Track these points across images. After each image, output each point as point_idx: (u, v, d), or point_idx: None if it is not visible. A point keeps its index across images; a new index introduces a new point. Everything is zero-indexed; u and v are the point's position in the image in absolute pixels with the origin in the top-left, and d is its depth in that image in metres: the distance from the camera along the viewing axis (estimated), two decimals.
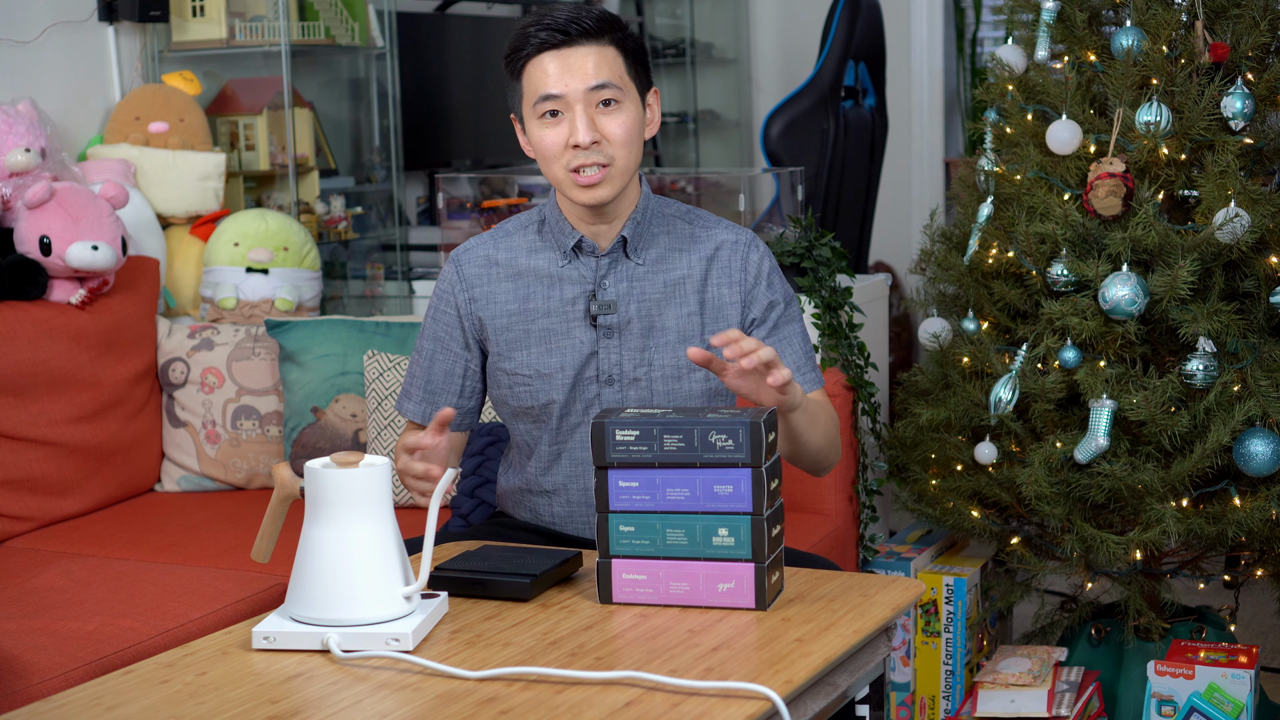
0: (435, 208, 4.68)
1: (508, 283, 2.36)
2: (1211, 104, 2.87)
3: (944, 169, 5.86)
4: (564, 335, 2.33)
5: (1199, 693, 2.89)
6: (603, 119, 2.23)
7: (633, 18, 5.92)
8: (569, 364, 2.33)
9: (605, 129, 2.23)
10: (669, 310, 2.33)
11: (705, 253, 2.35)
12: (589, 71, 2.21)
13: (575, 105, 2.21)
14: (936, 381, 3.24)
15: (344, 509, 1.86)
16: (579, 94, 2.21)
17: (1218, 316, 2.85)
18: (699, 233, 2.37)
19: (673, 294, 2.33)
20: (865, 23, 4.41)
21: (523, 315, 2.34)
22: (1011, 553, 3.18)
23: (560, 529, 2.41)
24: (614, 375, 2.33)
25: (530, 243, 2.37)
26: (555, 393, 2.33)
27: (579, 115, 2.21)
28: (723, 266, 2.34)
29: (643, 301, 2.32)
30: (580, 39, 2.22)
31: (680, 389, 2.33)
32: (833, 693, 1.91)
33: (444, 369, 2.40)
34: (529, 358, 2.34)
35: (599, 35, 2.23)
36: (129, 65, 3.82)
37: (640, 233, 2.33)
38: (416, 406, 2.43)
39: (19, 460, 3.09)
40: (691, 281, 2.34)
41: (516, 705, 1.67)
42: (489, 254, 2.38)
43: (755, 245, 2.37)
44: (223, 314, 3.58)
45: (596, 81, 2.21)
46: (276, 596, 2.68)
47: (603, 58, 2.22)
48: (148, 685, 1.77)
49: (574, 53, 2.22)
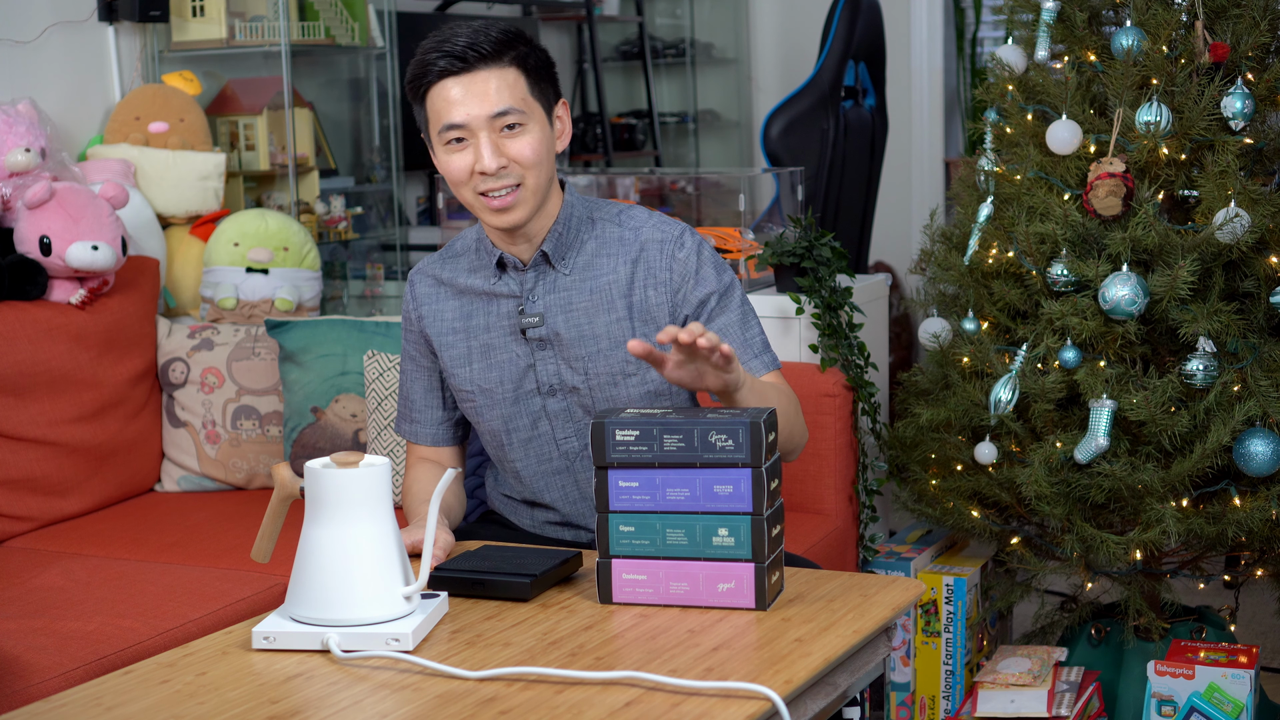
0: (435, 208, 4.68)
1: (453, 300, 2.38)
2: (1211, 104, 2.87)
3: (944, 169, 5.86)
4: (501, 350, 2.34)
5: (1199, 693, 2.89)
6: (508, 143, 2.20)
7: (633, 18, 5.93)
8: (508, 378, 2.34)
9: (511, 152, 2.20)
10: (598, 317, 2.31)
11: (630, 255, 2.31)
12: (490, 98, 2.18)
13: (479, 132, 2.19)
14: (936, 381, 3.24)
15: (344, 509, 1.86)
16: (481, 121, 2.19)
17: (1218, 316, 2.85)
18: (626, 234, 2.33)
19: (600, 301, 2.31)
20: (865, 23, 4.41)
21: (465, 332, 2.36)
22: (1011, 553, 3.18)
23: (553, 535, 2.43)
24: (554, 385, 2.33)
25: (470, 262, 2.38)
26: (499, 407, 2.36)
27: (483, 142, 2.19)
28: (648, 268, 2.31)
29: (571, 311, 2.31)
30: (479, 64, 2.18)
31: (619, 394, 2.33)
32: (833, 693, 1.91)
33: (423, 386, 2.45)
34: (471, 374, 2.36)
35: (498, 58, 2.19)
36: (129, 65, 3.82)
37: (563, 243, 2.31)
38: (410, 427, 2.48)
39: (19, 460, 3.09)
40: (618, 286, 2.31)
41: (516, 705, 1.67)
42: (436, 273, 2.40)
43: (681, 242, 2.32)
44: (223, 314, 3.58)
45: (498, 108, 2.18)
46: (276, 596, 2.68)
47: (503, 81, 2.19)
48: (148, 685, 1.77)
49: (474, 79, 2.18)
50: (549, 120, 2.26)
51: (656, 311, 2.31)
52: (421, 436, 2.46)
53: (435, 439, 2.46)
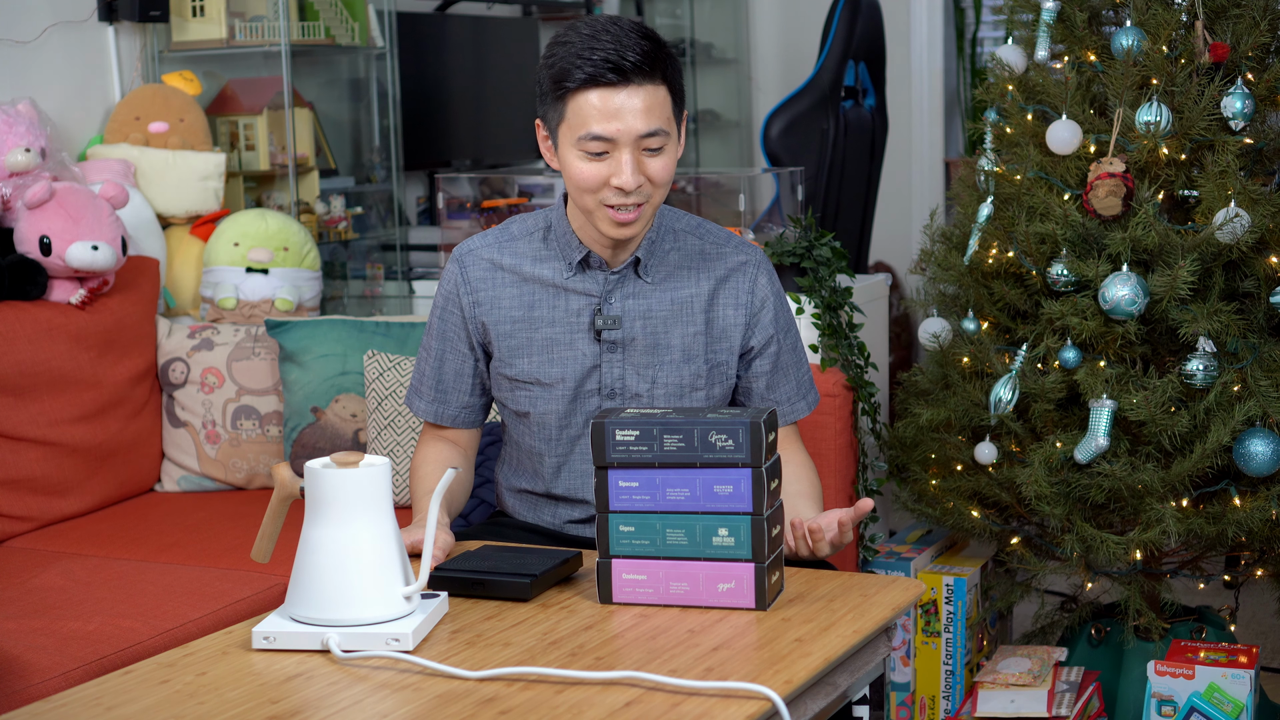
0: (435, 208, 4.68)
1: (513, 288, 2.34)
2: (1211, 104, 2.87)
3: (944, 169, 5.86)
4: (567, 346, 2.32)
5: (1199, 693, 2.89)
6: (649, 161, 2.18)
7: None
8: (570, 375, 2.32)
9: (650, 172, 2.18)
10: (675, 328, 2.32)
11: (717, 274, 2.33)
12: (640, 117, 2.14)
13: (624, 148, 2.15)
14: (936, 381, 3.24)
15: (344, 509, 1.86)
16: (630, 140, 2.15)
17: (1218, 316, 2.85)
18: (709, 249, 2.35)
19: (680, 313, 2.32)
20: (865, 23, 4.41)
21: (527, 323, 2.33)
22: (1011, 553, 3.18)
23: (573, 534, 2.42)
24: (616, 389, 2.32)
25: (536, 250, 2.34)
26: (555, 402, 2.33)
27: (626, 160, 2.15)
28: (731, 289, 2.33)
29: (649, 319, 2.31)
30: (635, 77, 2.13)
31: (681, 406, 2.32)
32: (833, 693, 1.91)
33: (454, 368, 2.40)
34: (531, 365, 2.33)
35: (653, 74, 2.15)
36: (129, 65, 3.82)
37: (652, 252, 2.32)
38: (429, 405, 2.43)
39: (19, 460, 3.09)
40: (699, 301, 2.32)
41: (516, 705, 1.67)
42: (494, 257, 2.35)
43: (764, 268, 2.36)
44: (223, 314, 3.58)
45: (648, 129, 2.15)
46: (276, 596, 2.68)
47: (654, 99, 2.15)
48: (148, 685, 1.77)
49: (631, 94, 2.13)
50: (679, 135, 2.24)
51: (732, 331, 2.33)
52: (444, 417, 2.42)
53: (458, 421, 2.42)
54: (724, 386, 2.36)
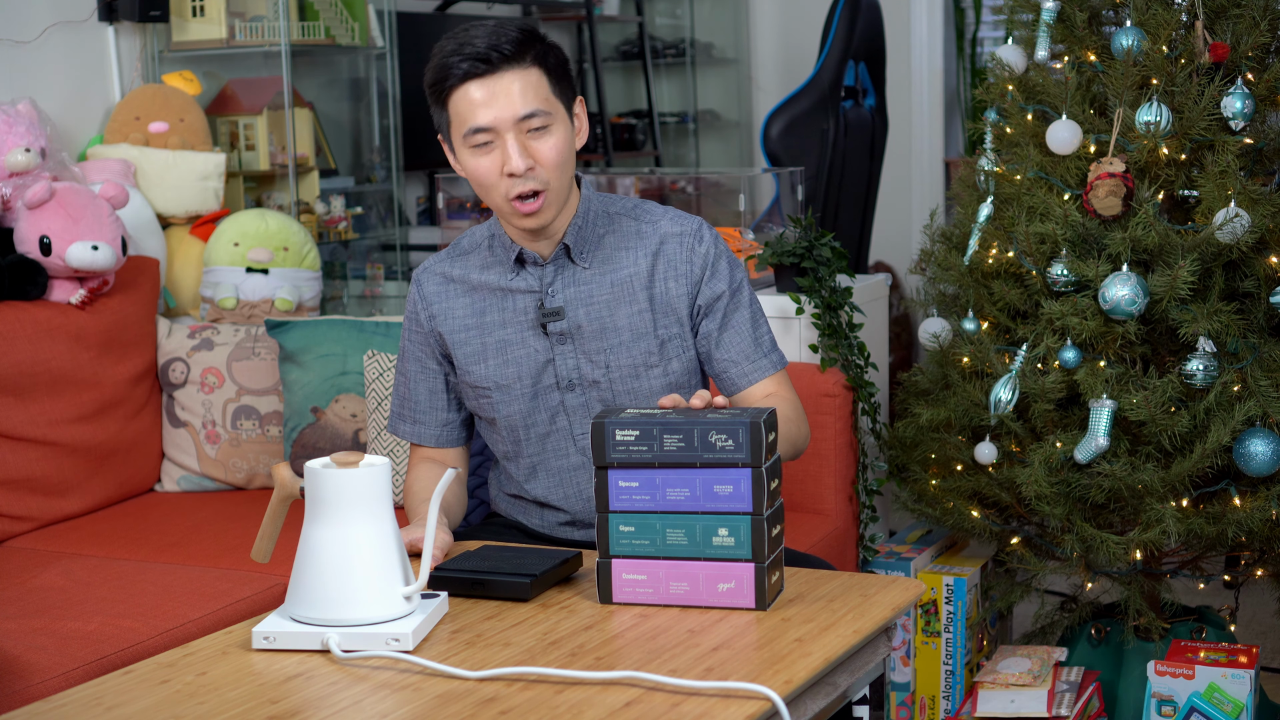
0: (435, 208, 4.69)
1: (464, 298, 2.38)
2: (1211, 104, 2.87)
3: (944, 169, 5.86)
4: (519, 345, 2.35)
5: (1199, 693, 2.89)
6: (534, 144, 2.22)
7: (633, 18, 5.93)
8: (525, 373, 2.34)
9: (537, 154, 2.22)
10: (619, 310, 2.33)
11: (650, 248, 2.35)
12: (515, 100, 2.19)
13: (506, 134, 2.20)
14: (936, 381, 3.24)
15: (344, 509, 1.86)
16: (508, 124, 2.20)
17: (1218, 316, 2.85)
18: (644, 228, 2.36)
19: (621, 294, 2.33)
20: (865, 23, 4.41)
21: (480, 329, 2.37)
22: (1011, 553, 3.18)
23: (564, 536, 2.43)
24: (573, 380, 2.34)
25: (483, 259, 2.39)
26: (516, 403, 2.36)
27: (510, 144, 2.20)
28: (669, 261, 2.34)
29: (591, 305, 2.33)
30: (502, 65, 2.19)
31: (640, 387, 2.34)
32: (833, 693, 1.91)
33: (427, 387, 2.44)
34: (487, 370, 2.36)
35: (520, 58, 2.20)
36: (129, 65, 3.82)
37: (583, 237, 2.34)
38: (410, 428, 2.47)
39: (19, 460, 3.09)
40: (639, 279, 2.34)
41: (516, 705, 1.67)
42: (445, 271, 2.41)
43: (700, 235, 2.36)
44: (223, 314, 3.58)
45: (525, 111, 2.20)
46: (276, 596, 2.68)
47: (527, 82, 2.20)
48: (148, 685, 1.77)
49: (498, 80, 2.19)
50: (569, 118, 2.27)
51: (677, 303, 2.34)
52: (425, 438, 2.46)
53: (440, 440, 2.46)
54: (681, 361, 2.36)
